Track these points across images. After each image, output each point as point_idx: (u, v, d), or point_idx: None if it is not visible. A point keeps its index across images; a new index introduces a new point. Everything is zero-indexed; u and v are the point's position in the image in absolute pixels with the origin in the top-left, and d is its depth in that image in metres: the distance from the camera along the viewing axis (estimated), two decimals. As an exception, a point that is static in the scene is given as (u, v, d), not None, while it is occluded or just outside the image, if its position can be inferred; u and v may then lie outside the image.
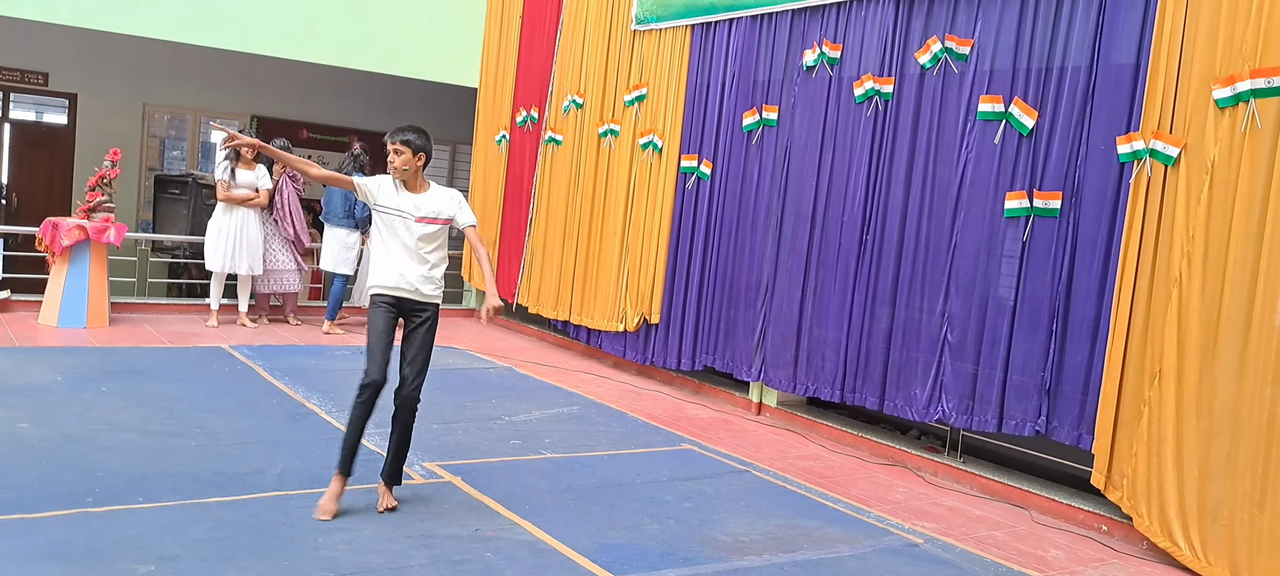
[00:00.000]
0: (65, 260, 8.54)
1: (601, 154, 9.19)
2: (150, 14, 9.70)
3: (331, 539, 4.23)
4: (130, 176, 12.57)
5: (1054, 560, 5.01)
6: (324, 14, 10.53)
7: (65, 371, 6.79)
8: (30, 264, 10.02)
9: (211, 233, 9.08)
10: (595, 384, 8.34)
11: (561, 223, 9.69)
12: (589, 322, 9.23)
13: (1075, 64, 5.73)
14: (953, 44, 6.30)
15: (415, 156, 4.64)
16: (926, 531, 5.22)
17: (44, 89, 12.64)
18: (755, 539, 4.80)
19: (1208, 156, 5.02)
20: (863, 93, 6.82)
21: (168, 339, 8.44)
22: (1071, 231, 5.71)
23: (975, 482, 6.18)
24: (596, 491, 5.31)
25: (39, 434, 5.32)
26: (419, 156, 4.65)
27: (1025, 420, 5.88)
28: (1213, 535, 4.90)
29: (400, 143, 4.63)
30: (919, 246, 6.50)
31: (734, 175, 7.88)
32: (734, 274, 7.86)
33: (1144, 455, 5.21)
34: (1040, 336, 5.82)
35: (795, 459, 6.50)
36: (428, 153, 4.71)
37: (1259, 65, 4.82)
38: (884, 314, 6.69)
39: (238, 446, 5.46)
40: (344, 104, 14.02)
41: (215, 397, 6.49)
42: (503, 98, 10.90)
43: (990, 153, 6.08)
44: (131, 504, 4.40)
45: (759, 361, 7.58)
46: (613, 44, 9.15)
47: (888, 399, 6.64)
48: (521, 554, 4.30)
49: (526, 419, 6.81)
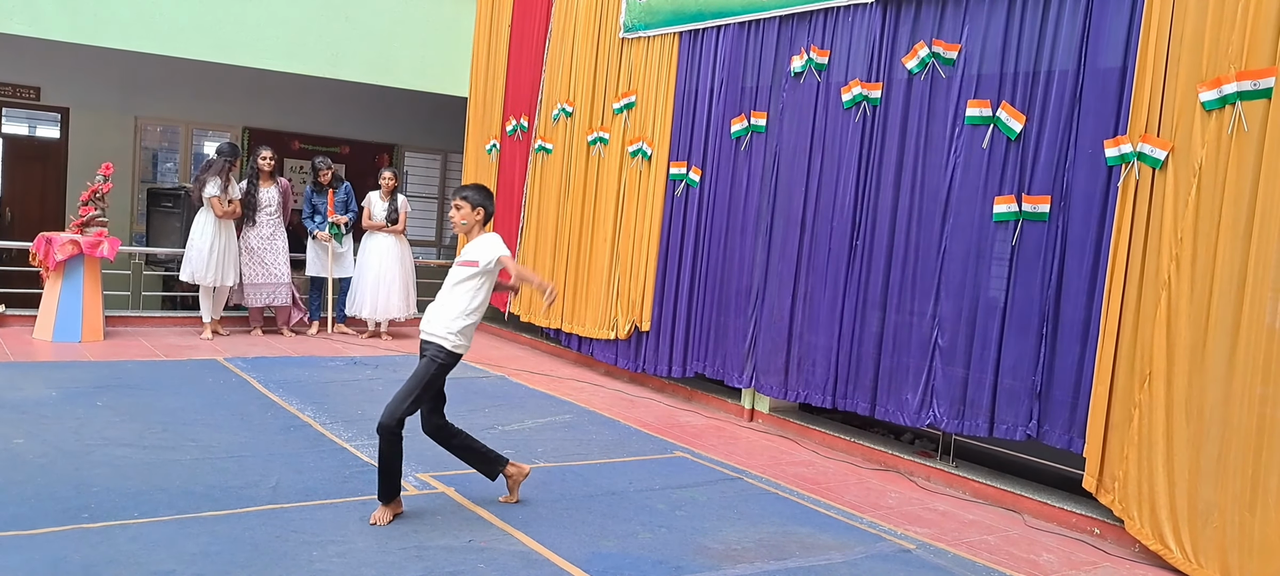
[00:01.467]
0: (59, 275, 8.54)
1: (591, 162, 9.22)
2: (141, 28, 9.71)
3: (326, 552, 4.24)
4: (123, 190, 12.56)
5: (1046, 564, 5.03)
6: (314, 25, 10.55)
7: (60, 386, 6.80)
8: (24, 278, 10.01)
9: (198, 246, 9.08)
10: (587, 392, 8.35)
11: (552, 230, 9.71)
12: (580, 331, 9.24)
13: (1062, 68, 5.76)
14: (940, 49, 6.33)
15: (474, 211, 4.87)
16: (919, 537, 5.23)
17: (36, 103, 12.64)
18: (747, 546, 4.82)
19: (1195, 159, 5.05)
20: (851, 98, 6.85)
21: (162, 352, 8.44)
22: (1060, 235, 5.73)
23: (968, 487, 6.20)
24: (589, 500, 5.32)
25: (34, 449, 5.32)
26: (478, 211, 4.88)
27: (1016, 424, 5.90)
28: (1204, 537, 4.92)
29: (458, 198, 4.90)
30: (909, 251, 6.53)
31: (723, 182, 7.90)
32: (724, 280, 7.88)
33: (1135, 458, 5.23)
34: (1030, 340, 5.85)
35: (787, 465, 6.52)
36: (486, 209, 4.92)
37: (1245, 67, 4.86)
38: (874, 319, 6.71)
39: (232, 460, 5.47)
40: (335, 114, 14.03)
41: (209, 410, 6.50)
42: (493, 107, 10.92)
43: (979, 157, 6.11)
44: (127, 519, 4.41)
45: (750, 368, 7.60)
46: (601, 52, 9.18)
47: (879, 404, 6.66)
48: (514, 564, 4.31)
49: (519, 428, 6.82)
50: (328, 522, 4.60)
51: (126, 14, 9.61)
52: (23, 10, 9.12)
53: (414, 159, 15.42)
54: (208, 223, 9.08)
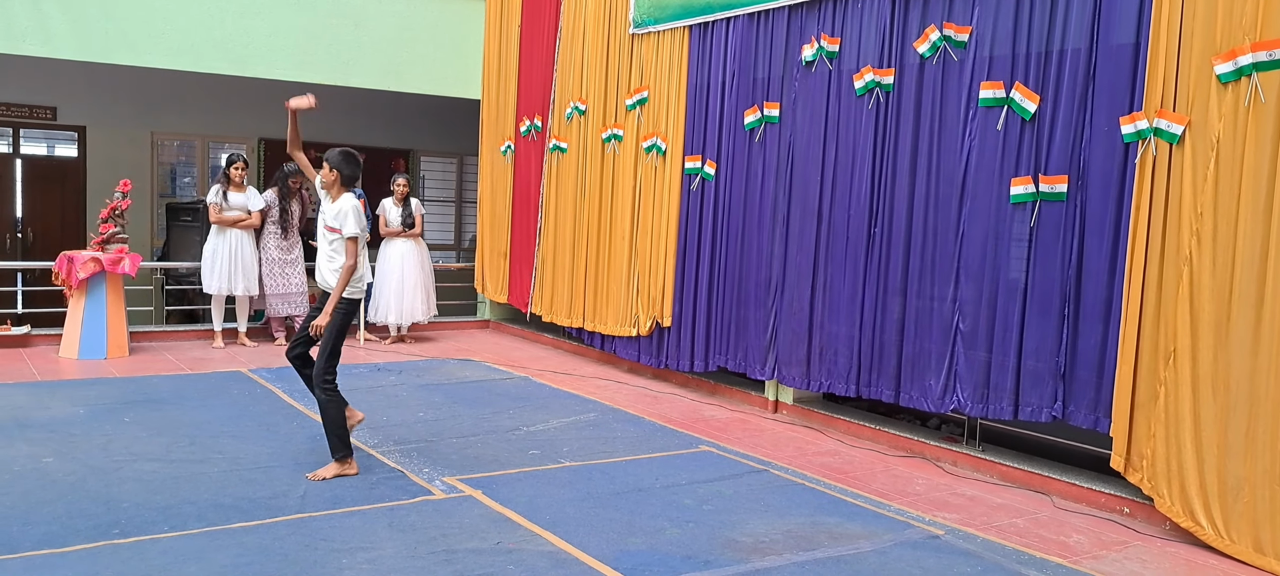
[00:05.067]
0: (82, 293, 8.62)
1: (606, 159, 9.22)
2: (151, 45, 9.77)
3: (355, 559, 4.27)
4: (142, 205, 12.66)
5: (1077, 545, 5.01)
6: (323, 34, 10.59)
7: (87, 403, 6.86)
8: (48, 297, 10.11)
9: (207, 256, 9.24)
10: (611, 389, 8.37)
11: (570, 230, 9.72)
12: (602, 329, 9.25)
13: (1075, 46, 5.72)
14: (951, 32, 6.29)
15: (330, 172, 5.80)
16: (947, 522, 5.22)
17: (53, 123, 12.76)
18: (775, 538, 4.82)
19: (1212, 133, 5.01)
20: (863, 85, 6.82)
21: (187, 365, 8.51)
22: (1079, 214, 5.70)
23: (995, 471, 6.17)
24: (615, 498, 5.33)
25: (63, 468, 5.38)
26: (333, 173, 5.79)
27: (1041, 406, 5.88)
28: (1235, 513, 4.88)
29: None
30: (927, 237, 6.50)
31: (738, 174, 7.89)
32: (743, 273, 7.87)
33: (1162, 435, 5.20)
34: (1052, 321, 5.81)
35: (813, 455, 6.51)
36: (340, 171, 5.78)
37: (1260, 38, 4.80)
38: (895, 306, 6.69)
39: (259, 470, 5.51)
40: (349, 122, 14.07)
41: (236, 422, 6.55)
42: (506, 108, 10.94)
43: (994, 139, 6.08)
44: (157, 533, 4.45)
45: (772, 360, 7.59)
46: (612, 49, 9.17)
47: (903, 391, 6.64)
48: (543, 565, 4.33)
49: (544, 428, 6.84)
50: (356, 530, 4.62)
51: (137, 32, 9.67)
52: (36, 32, 9.20)
53: (430, 163, 15.47)
54: (214, 232, 9.19)
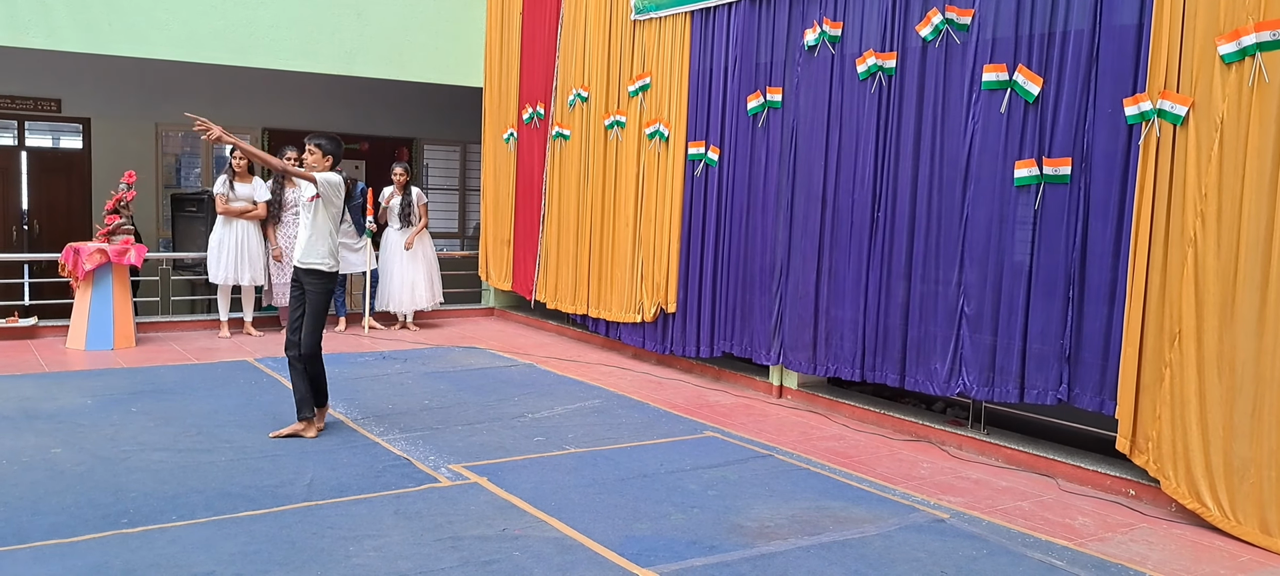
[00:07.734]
0: (88, 284, 8.65)
1: (609, 146, 9.21)
2: (155, 36, 9.77)
3: (362, 546, 4.29)
4: (147, 196, 12.69)
5: (1082, 527, 5.01)
6: (326, 24, 10.58)
7: (95, 394, 6.89)
8: (55, 289, 10.16)
9: (213, 246, 9.27)
10: (616, 376, 8.38)
11: (574, 216, 9.72)
12: (607, 315, 9.26)
13: (1078, 27, 5.70)
14: (953, 15, 6.27)
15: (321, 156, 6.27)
16: (952, 506, 5.23)
17: (57, 115, 12.77)
18: (781, 523, 4.83)
19: (1216, 113, 4.99)
20: (866, 69, 6.81)
21: (193, 355, 8.54)
22: (1083, 197, 5.69)
23: (1000, 454, 6.18)
24: (621, 484, 5.35)
25: (72, 458, 5.41)
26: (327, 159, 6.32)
27: (1046, 389, 5.88)
28: (1241, 494, 4.89)
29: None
30: (931, 220, 6.49)
31: (742, 160, 7.89)
32: (747, 258, 7.87)
33: (1168, 417, 5.20)
34: (1057, 304, 5.81)
35: (818, 440, 6.52)
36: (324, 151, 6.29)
37: (1263, 17, 4.78)
38: (900, 290, 6.69)
39: (266, 459, 5.53)
40: (353, 112, 14.08)
41: (242, 411, 6.57)
42: (508, 96, 10.93)
43: (997, 122, 6.06)
44: (165, 522, 4.48)
45: (777, 344, 7.59)
46: (613, 35, 9.16)
47: (908, 375, 6.65)
48: (548, 551, 4.35)
49: (549, 415, 6.86)
50: (363, 518, 4.65)
51: (140, 22, 9.67)
52: (40, 24, 9.21)
53: (433, 151, 15.46)
54: (221, 223, 9.23)
